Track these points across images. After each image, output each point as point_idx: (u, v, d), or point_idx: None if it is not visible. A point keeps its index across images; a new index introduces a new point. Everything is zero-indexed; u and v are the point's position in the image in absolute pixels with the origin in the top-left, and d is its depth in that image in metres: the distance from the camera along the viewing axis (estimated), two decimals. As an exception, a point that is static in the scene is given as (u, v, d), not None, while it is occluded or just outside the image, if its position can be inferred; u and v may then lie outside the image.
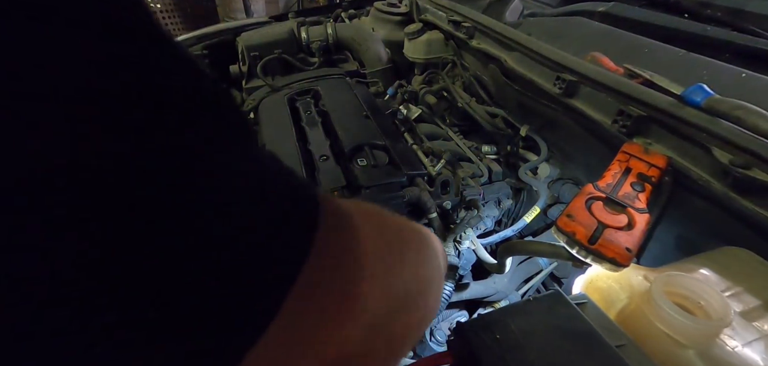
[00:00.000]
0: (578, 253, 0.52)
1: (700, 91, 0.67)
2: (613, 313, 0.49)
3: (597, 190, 0.58)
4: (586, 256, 0.52)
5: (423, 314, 0.30)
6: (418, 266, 0.30)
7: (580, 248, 0.52)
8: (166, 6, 4.11)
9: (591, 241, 0.51)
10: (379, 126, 0.88)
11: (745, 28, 0.87)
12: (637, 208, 0.56)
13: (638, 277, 0.50)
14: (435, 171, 0.81)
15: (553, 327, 0.44)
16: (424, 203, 0.73)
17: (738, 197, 0.58)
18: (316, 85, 1.13)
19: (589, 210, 0.55)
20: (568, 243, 0.53)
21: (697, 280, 0.46)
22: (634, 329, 0.45)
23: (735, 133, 0.61)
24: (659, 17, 1.00)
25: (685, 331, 0.41)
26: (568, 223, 0.53)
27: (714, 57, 0.81)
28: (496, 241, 0.89)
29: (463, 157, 1.02)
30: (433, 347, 0.75)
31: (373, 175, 0.72)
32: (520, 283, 0.86)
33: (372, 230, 0.24)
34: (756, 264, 0.52)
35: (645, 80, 0.78)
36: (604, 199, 0.56)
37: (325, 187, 0.73)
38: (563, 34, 1.09)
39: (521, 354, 0.41)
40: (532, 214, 0.89)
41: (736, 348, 0.40)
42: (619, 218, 0.54)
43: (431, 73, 1.39)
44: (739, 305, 0.46)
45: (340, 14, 1.72)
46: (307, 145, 0.86)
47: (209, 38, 1.73)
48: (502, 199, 0.98)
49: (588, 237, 0.51)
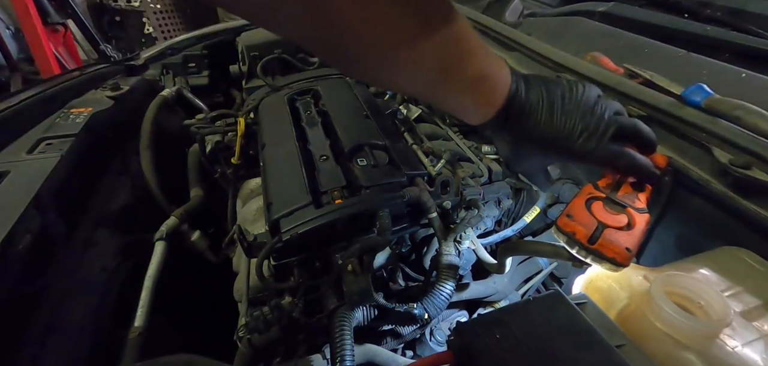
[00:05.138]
0: (578, 253, 0.52)
1: (700, 91, 0.67)
2: (613, 313, 0.49)
3: (597, 190, 0.58)
4: (586, 256, 0.52)
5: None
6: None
7: (580, 248, 0.52)
8: (166, 6, 4.11)
9: (591, 240, 0.51)
10: (379, 126, 0.88)
11: (745, 28, 0.87)
12: (637, 208, 0.56)
13: (638, 277, 0.50)
14: (435, 171, 0.81)
15: (553, 327, 0.44)
16: (424, 203, 0.72)
17: (738, 197, 0.58)
18: (316, 85, 1.13)
19: (589, 210, 0.55)
20: (568, 243, 0.53)
21: (697, 280, 0.46)
22: (634, 329, 0.45)
23: (735, 133, 0.61)
24: (659, 17, 1.00)
25: (685, 331, 0.41)
26: (568, 223, 0.53)
27: (714, 57, 0.81)
28: (496, 241, 0.89)
29: (463, 157, 1.02)
30: (433, 347, 0.75)
31: (373, 175, 0.72)
32: (520, 283, 0.86)
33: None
34: (756, 264, 0.52)
35: (645, 80, 0.78)
36: (604, 199, 0.56)
37: (325, 187, 0.73)
38: (563, 34, 1.09)
39: (521, 354, 0.41)
40: (532, 214, 0.89)
41: (735, 348, 0.40)
42: (619, 218, 0.54)
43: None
44: (739, 305, 0.46)
45: (340, 14, 1.71)
46: (307, 145, 0.86)
47: (209, 38, 1.73)
48: (502, 199, 0.98)
49: (588, 237, 0.51)
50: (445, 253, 0.74)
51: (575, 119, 0.52)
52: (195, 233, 1.09)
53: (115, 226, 1.04)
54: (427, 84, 0.47)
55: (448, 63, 0.45)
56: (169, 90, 1.42)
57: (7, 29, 3.31)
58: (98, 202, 1.04)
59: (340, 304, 0.63)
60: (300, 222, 0.66)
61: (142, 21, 3.99)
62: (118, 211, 1.08)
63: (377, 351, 0.67)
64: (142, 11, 3.96)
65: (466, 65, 0.46)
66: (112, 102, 1.22)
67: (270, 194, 0.73)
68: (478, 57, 0.47)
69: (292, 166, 0.78)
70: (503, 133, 0.53)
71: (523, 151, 0.55)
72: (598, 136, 0.53)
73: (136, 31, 4.01)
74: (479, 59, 0.47)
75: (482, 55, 0.47)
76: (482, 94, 0.50)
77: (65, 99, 1.21)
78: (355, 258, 0.67)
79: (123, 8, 3.94)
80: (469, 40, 0.45)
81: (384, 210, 0.69)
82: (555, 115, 0.51)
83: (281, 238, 0.65)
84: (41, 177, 0.84)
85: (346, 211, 0.67)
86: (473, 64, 0.46)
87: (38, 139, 0.98)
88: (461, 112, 0.52)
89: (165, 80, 1.54)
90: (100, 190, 1.07)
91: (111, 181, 1.12)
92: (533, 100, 0.51)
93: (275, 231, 0.67)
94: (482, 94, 0.50)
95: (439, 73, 0.45)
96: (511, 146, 0.55)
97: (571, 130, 0.52)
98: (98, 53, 3.27)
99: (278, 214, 0.67)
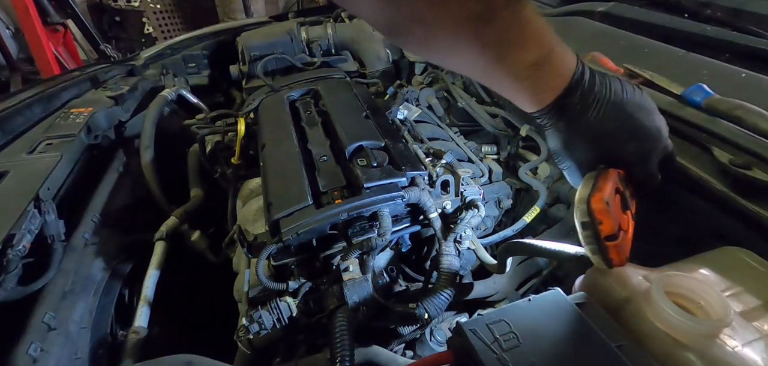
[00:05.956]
0: (585, 238, 0.49)
1: (700, 91, 0.67)
2: (613, 313, 0.49)
3: (620, 182, 0.52)
4: (589, 243, 0.49)
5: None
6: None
7: (593, 234, 0.48)
8: (166, 6, 4.11)
9: (609, 238, 0.48)
10: (379, 126, 0.88)
11: (745, 28, 0.87)
12: (632, 214, 0.55)
13: (638, 277, 0.50)
14: (435, 171, 0.81)
15: (553, 327, 0.44)
16: (424, 203, 0.72)
17: (738, 197, 0.58)
18: (316, 85, 1.13)
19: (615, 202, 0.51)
20: (585, 225, 0.48)
21: (697, 280, 0.46)
22: (634, 329, 0.45)
23: (735, 133, 0.61)
24: (659, 17, 1.00)
25: (685, 331, 0.41)
26: (604, 210, 0.47)
27: (714, 57, 0.81)
28: (496, 241, 0.89)
29: (463, 158, 1.02)
30: (434, 347, 0.75)
31: (373, 175, 0.72)
32: (520, 283, 0.86)
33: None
34: (756, 264, 0.52)
35: (645, 80, 0.78)
36: (622, 193, 0.52)
37: (325, 187, 0.73)
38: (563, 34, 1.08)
39: (521, 354, 0.41)
40: (532, 214, 0.89)
41: (736, 348, 0.40)
42: (625, 220, 0.52)
43: (431, 73, 1.39)
44: (739, 305, 0.46)
45: (340, 14, 1.72)
46: (307, 145, 0.86)
47: (209, 38, 1.73)
48: (502, 199, 0.98)
49: (609, 234, 0.48)
50: (445, 253, 0.74)
51: (635, 124, 0.51)
52: (195, 233, 1.09)
53: (115, 226, 1.04)
54: (484, 66, 0.47)
55: (507, 47, 0.45)
56: (169, 90, 1.42)
57: (7, 29, 3.31)
58: (98, 202, 1.04)
59: (340, 304, 0.63)
60: (300, 222, 0.65)
61: (142, 21, 4.00)
62: (118, 211, 1.08)
63: (379, 351, 0.67)
64: (142, 11, 3.97)
65: (526, 50, 0.46)
66: (112, 102, 1.22)
67: (270, 194, 0.73)
68: (540, 42, 0.46)
69: (292, 167, 0.78)
70: (559, 122, 0.52)
71: (575, 142, 0.53)
72: (651, 153, 0.52)
73: (136, 31, 4.02)
74: (541, 45, 0.46)
75: (544, 41, 0.46)
76: (542, 80, 0.49)
77: (65, 99, 1.21)
78: (355, 258, 0.67)
79: (123, 8, 3.94)
80: (531, 24, 0.45)
81: (384, 210, 0.69)
82: (617, 112, 0.50)
83: (281, 238, 0.65)
84: (41, 177, 0.84)
85: (346, 211, 0.67)
86: (533, 49, 0.46)
87: (38, 139, 0.98)
88: (518, 98, 0.52)
89: (165, 80, 1.54)
90: (100, 190, 1.07)
91: (111, 181, 1.12)
92: (598, 91, 0.50)
93: (275, 231, 0.67)
94: (540, 81, 0.49)
95: (496, 56, 0.46)
96: (565, 136, 0.53)
97: (627, 133, 0.51)
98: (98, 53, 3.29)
99: (278, 214, 0.67)
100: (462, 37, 0.44)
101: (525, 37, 0.45)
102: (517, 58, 0.46)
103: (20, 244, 0.71)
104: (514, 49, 0.45)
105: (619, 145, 0.51)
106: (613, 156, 0.52)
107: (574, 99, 0.49)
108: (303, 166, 0.78)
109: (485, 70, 0.49)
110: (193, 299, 1.13)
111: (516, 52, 0.46)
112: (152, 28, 4.04)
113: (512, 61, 0.46)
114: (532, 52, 0.46)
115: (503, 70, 0.47)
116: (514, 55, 0.46)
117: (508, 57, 0.46)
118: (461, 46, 0.45)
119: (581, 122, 0.50)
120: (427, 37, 0.45)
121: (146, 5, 3.97)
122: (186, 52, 1.67)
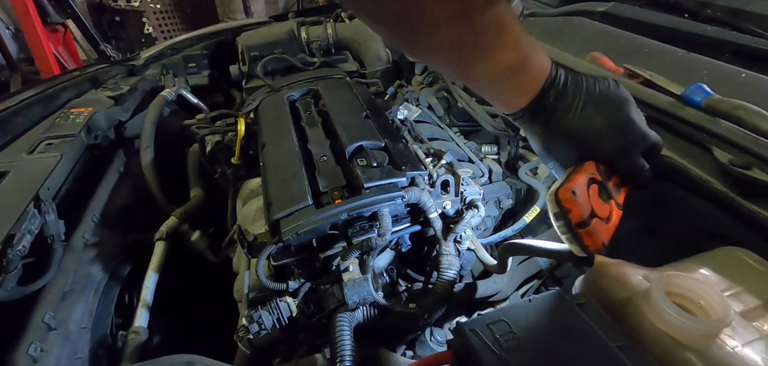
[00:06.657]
0: (559, 228, 0.52)
1: (700, 91, 0.67)
2: (613, 313, 0.49)
3: (597, 172, 0.55)
4: (564, 233, 0.52)
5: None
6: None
7: (565, 225, 0.51)
8: (165, 6, 4.11)
9: (580, 225, 0.50)
10: (379, 126, 0.87)
11: (745, 28, 0.87)
12: (618, 204, 0.56)
13: (638, 277, 0.50)
14: (435, 171, 0.81)
15: (553, 327, 0.44)
16: (425, 203, 0.72)
17: (738, 197, 0.58)
18: (316, 85, 1.13)
19: (587, 191, 0.53)
20: (556, 215, 0.52)
21: (697, 280, 0.46)
22: (634, 329, 0.45)
23: (735, 133, 0.61)
24: (659, 17, 1.00)
25: (685, 331, 0.41)
26: (570, 199, 0.51)
27: (714, 57, 0.81)
28: (496, 241, 0.89)
29: (464, 158, 1.02)
30: (434, 347, 0.75)
31: (373, 175, 0.72)
32: (520, 283, 0.86)
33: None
34: (756, 264, 0.52)
35: (645, 80, 0.78)
36: (600, 183, 0.55)
37: (325, 187, 0.72)
38: (563, 34, 1.08)
39: (521, 354, 0.41)
40: (532, 214, 0.89)
41: (736, 348, 0.40)
42: (604, 208, 0.53)
43: (431, 73, 1.39)
44: (739, 305, 0.46)
45: (340, 14, 1.72)
46: (307, 145, 0.85)
47: (209, 38, 1.73)
48: (502, 199, 0.98)
49: (579, 220, 0.51)
50: (445, 253, 0.74)
51: (609, 120, 0.52)
52: (195, 233, 1.09)
53: (115, 226, 1.05)
54: (464, 66, 0.49)
55: (484, 50, 0.47)
56: (169, 90, 1.42)
57: (7, 29, 3.31)
58: (98, 202, 1.04)
59: (340, 304, 0.63)
60: (300, 222, 0.65)
61: (142, 21, 4.00)
62: (118, 212, 1.08)
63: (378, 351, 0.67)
64: (142, 11, 3.97)
65: (502, 53, 0.47)
66: (112, 102, 1.22)
67: (270, 194, 0.73)
68: (516, 47, 0.48)
69: (293, 167, 0.78)
70: (534, 126, 0.54)
71: (553, 144, 0.56)
72: (630, 145, 0.53)
73: (136, 31, 4.02)
74: (517, 49, 0.48)
75: (520, 46, 0.48)
76: (516, 84, 0.51)
77: (65, 99, 1.21)
78: (355, 258, 0.67)
79: (123, 8, 3.94)
80: (508, 29, 0.46)
81: (384, 210, 0.69)
82: (589, 112, 0.51)
83: (281, 238, 0.65)
84: (41, 177, 0.84)
85: (346, 211, 0.67)
86: (509, 53, 0.48)
87: (38, 139, 0.98)
88: (494, 100, 0.54)
89: (165, 80, 1.54)
90: (100, 190, 1.07)
91: (111, 182, 1.12)
92: (570, 93, 0.51)
93: (275, 231, 0.67)
94: (516, 84, 0.51)
95: (473, 58, 0.47)
96: (542, 138, 0.56)
97: (602, 130, 0.52)
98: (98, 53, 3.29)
99: (278, 214, 0.67)
100: (442, 37, 0.46)
101: (502, 41, 0.47)
102: (493, 61, 0.48)
103: (20, 244, 0.71)
104: (490, 52, 0.47)
105: (595, 142, 0.53)
106: (592, 153, 0.54)
107: (547, 103, 0.52)
108: (303, 166, 0.78)
109: (464, 70, 0.51)
110: (193, 299, 1.13)
111: (492, 54, 0.47)
112: (152, 28, 4.04)
113: (488, 63, 0.48)
114: (508, 56, 0.48)
115: (479, 72, 0.49)
116: (489, 58, 0.48)
117: (483, 59, 0.48)
118: (441, 46, 0.47)
119: (555, 125, 0.53)
120: (411, 36, 0.48)
121: (146, 5, 3.97)
122: (186, 52, 1.67)
